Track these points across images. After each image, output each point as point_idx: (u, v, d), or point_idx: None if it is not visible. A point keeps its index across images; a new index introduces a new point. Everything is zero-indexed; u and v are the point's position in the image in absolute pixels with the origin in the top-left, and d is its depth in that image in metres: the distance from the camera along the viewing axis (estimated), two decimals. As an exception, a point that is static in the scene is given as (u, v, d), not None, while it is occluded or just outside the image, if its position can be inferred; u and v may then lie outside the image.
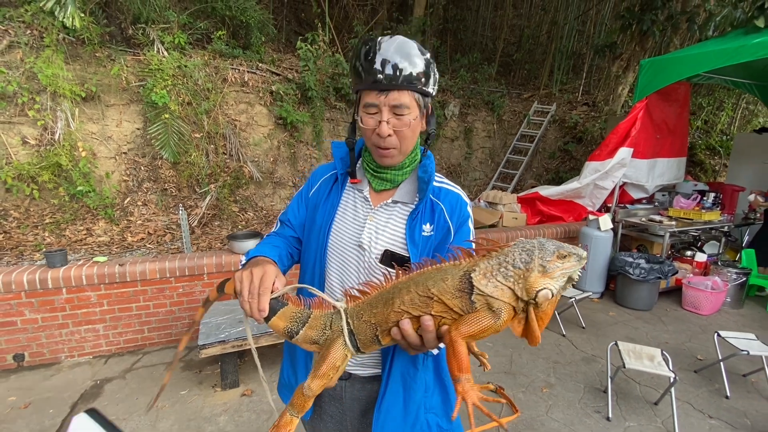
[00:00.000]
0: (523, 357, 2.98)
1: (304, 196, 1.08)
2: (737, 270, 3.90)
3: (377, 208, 0.97)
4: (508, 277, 0.63)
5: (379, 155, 0.92)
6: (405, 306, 0.71)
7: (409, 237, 0.94)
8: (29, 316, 2.65)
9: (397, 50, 0.84)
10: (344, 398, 1.05)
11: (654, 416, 2.37)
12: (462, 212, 1.00)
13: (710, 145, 7.77)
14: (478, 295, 0.64)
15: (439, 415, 1.09)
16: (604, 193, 4.44)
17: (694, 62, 3.69)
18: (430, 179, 0.96)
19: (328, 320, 0.78)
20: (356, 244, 0.96)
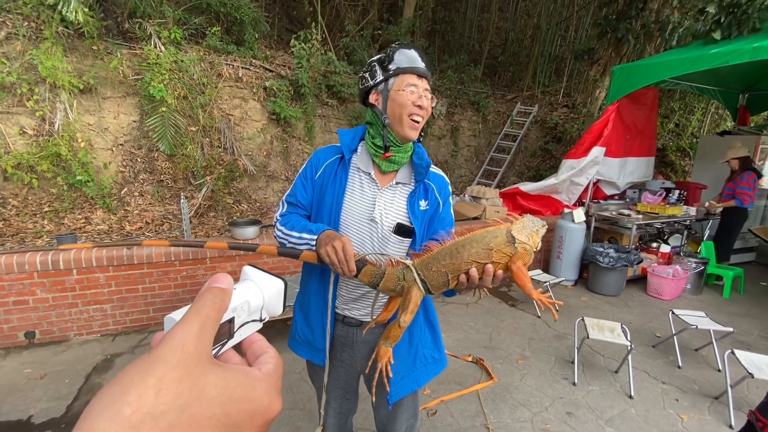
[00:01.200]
0: (501, 334, 3.27)
1: (310, 178, 1.26)
2: (697, 260, 4.28)
3: (384, 188, 1.21)
4: (527, 234, 0.98)
5: (411, 126, 1.14)
6: (472, 257, 0.98)
7: (411, 212, 1.20)
8: (41, 296, 2.81)
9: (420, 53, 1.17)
10: (355, 342, 1.29)
11: (614, 382, 2.69)
12: (446, 190, 1.29)
13: (681, 147, 8.25)
14: (519, 243, 0.97)
15: (430, 348, 1.37)
16: (579, 188, 4.77)
17: (660, 69, 4.04)
18: (428, 164, 1.22)
19: (400, 274, 1.05)
20: (369, 218, 1.19)
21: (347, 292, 1.25)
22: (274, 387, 0.30)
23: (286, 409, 2.28)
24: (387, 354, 1.07)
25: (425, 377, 1.34)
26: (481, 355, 2.91)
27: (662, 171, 7.52)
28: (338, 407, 1.41)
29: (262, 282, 0.38)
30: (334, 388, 1.37)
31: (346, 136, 1.24)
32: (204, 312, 0.28)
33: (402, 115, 1.13)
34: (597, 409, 2.40)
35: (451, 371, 2.71)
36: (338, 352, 1.32)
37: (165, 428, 0.23)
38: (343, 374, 1.35)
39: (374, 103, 1.18)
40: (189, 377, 0.24)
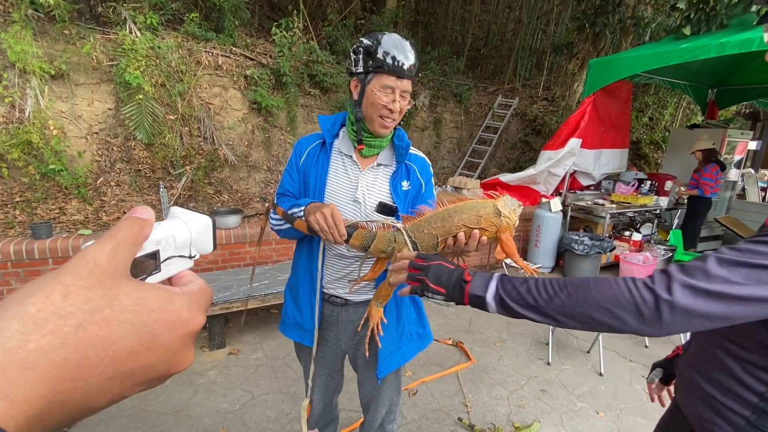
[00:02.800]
0: (480, 319, 3.37)
1: (294, 165, 1.30)
2: (665, 247, 4.49)
3: (366, 170, 1.25)
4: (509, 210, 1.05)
5: (382, 126, 1.18)
6: (463, 221, 1.04)
7: (393, 192, 1.25)
8: (16, 286, 2.74)
9: (411, 48, 1.15)
10: (340, 321, 1.34)
11: (586, 361, 2.83)
12: (428, 171, 1.35)
13: (654, 140, 8.55)
14: (503, 216, 1.04)
15: (415, 325, 1.43)
16: (556, 179, 4.91)
17: (634, 63, 4.18)
18: (408, 145, 1.27)
19: (392, 236, 1.08)
20: (352, 199, 1.24)
21: (333, 271, 1.29)
22: (196, 302, 0.29)
23: (271, 393, 2.32)
24: (378, 314, 1.13)
25: (411, 352, 1.41)
26: (460, 338, 3.01)
27: (636, 163, 7.78)
28: (324, 385, 1.46)
29: (187, 218, 0.37)
30: (320, 366, 1.42)
31: (327, 122, 1.28)
32: (119, 236, 0.26)
33: (373, 114, 1.17)
34: (569, 386, 2.53)
35: (431, 354, 2.79)
36: (324, 331, 1.36)
37: (73, 326, 0.22)
38: (328, 353, 1.40)
39: (353, 91, 1.21)
40: (100, 286, 0.23)
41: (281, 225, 1.22)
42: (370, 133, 1.22)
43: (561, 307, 0.71)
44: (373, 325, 1.13)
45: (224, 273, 3.04)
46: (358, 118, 1.19)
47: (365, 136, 1.22)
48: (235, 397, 2.27)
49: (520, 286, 0.75)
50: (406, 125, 6.57)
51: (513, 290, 0.75)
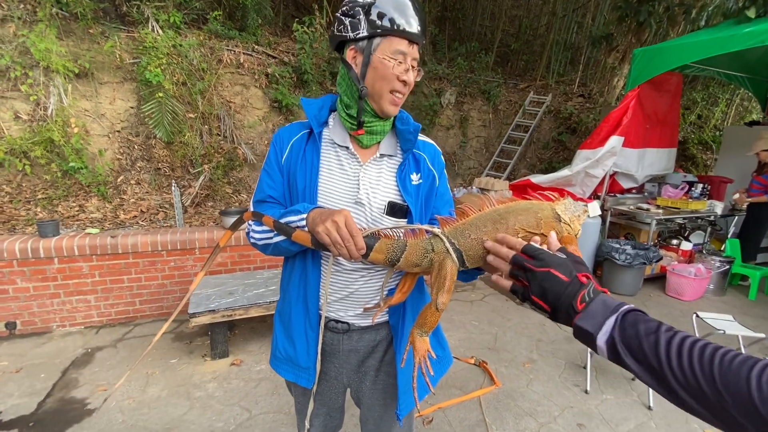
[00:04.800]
0: (507, 335, 3.05)
1: (275, 164, 1.03)
2: (721, 258, 3.99)
3: (367, 163, 1.00)
4: (569, 216, 0.85)
5: (394, 102, 0.95)
6: (521, 224, 0.82)
7: (402, 188, 0.99)
8: (21, 285, 2.68)
9: (420, 7, 0.93)
10: (341, 351, 1.09)
11: (630, 390, 2.45)
12: (439, 160, 1.09)
13: (703, 139, 7.85)
14: (564, 223, 0.83)
15: (434, 346, 1.17)
16: (594, 181, 4.49)
17: (686, 51, 3.73)
18: (416, 129, 1.01)
19: (428, 245, 0.86)
20: (354, 201, 0.98)
21: (332, 290, 1.04)
22: None
23: (270, 412, 2.11)
24: (424, 346, 0.88)
25: (432, 380, 1.14)
26: (484, 357, 2.70)
27: (683, 165, 7.15)
28: (321, 426, 1.21)
29: None
30: (318, 404, 1.18)
31: (313, 106, 1.03)
32: None
33: (383, 90, 0.93)
34: (612, 420, 2.18)
35: (451, 374, 2.51)
36: (323, 363, 1.12)
37: None
38: (328, 390, 1.15)
39: (350, 63, 0.95)
40: None
41: (269, 238, 0.97)
42: (374, 115, 0.97)
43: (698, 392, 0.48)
44: (419, 361, 0.88)
45: (231, 277, 2.88)
46: (362, 96, 0.94)
47: (367, 120, 0.97)
48: (232, 416, 2.08)
49: (646, 337, 0.54)
50: (430, 123, 6.29)
51: (634, 340, 0.55)
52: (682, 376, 0.49)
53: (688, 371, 0.49)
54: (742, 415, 0.44)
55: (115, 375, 2.38)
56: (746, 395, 0.44)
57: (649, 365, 0.53)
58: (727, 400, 0.45)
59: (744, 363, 0.46)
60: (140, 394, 2.22)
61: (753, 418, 0.43)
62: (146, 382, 2.32)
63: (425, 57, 6.95)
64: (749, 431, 0.45)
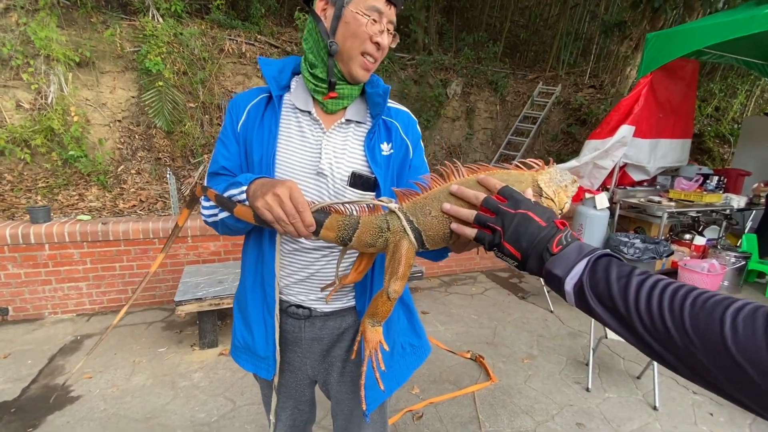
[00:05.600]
0: (507, 329, 2.93)
1: (231, 132, 0.93)
2: (737, 254, 3.80)
3: (331, 130, 0.90)
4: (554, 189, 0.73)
5: (364, 66, 0.85)
6: None
7: (370, 158, 0.89)
8: (12, 271, 2.66)
9: None
10: (303, 339, 1.00)
11: (635, 389, 2.33)
12: (414, 129, 0.99)
13: (720, 132, 7.55)
14: (546, 198, 0.72)
15: (408, 335, 1.08)
16: (603, 173, 4.32)
17: (702, 35, 3.53)
18: (386, 92, 0.91)
19: (383, 222, 0.75)
20: (314, 172, 0.88)
21: (291, 271, 0.94)
22: None
23: (255, 403, 2.04)
24: (376, 337, 0.77)
25: (405, 372, 1.06)
26: (482, 351, 2.60)
27: (698, 158, 6.89)
28: (289, 420, 1.13)
29: None
30: (283, 397, 1.09)
31: (272, 67, 0.92)
32: None
33: (353, 50, 0.83)
34: (614, 420, 2.06)
35: (445, 369, 2.41)
36: (285, 352, 1.02)
37: None
38: (291, 380, 1.06)
39: (320, 16, 0.85)
40: None
41: (215, 215, 0.87)
42: (341, 79, 0.87)
43: (665, 338, 0.44)
44: (370, 354, 0.77)
45: (223, 266, 2.82)
46: (331, 52, 0.83)
47: (339, 79, 0.87)
48: (215, 406, 2.02)
49: (617, 281, 0.50)
50: (435, 115, 6.16)
51: (603, 284, 0.50)
52: (650, 321, 0.45)
53: (656, 315, 0.45)
54: (709, 359, 0.40)
55: (101, 362, 2.34)
56: (717, 336, 0.40)
57: (617, 311, 0.48)
58: (696, 343, 0.41)
59: (719, 303, 0.42)
60: (125, 383, 2.17)
61: (722, 361, 0.39)
62: (132, 370, 2.28)
63: (431, 47, 6.81)
64: (716, 377, 0.41)
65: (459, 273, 4.09)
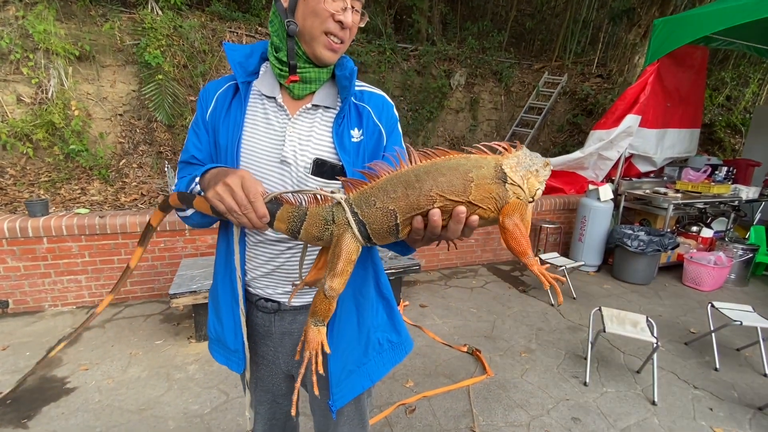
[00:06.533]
0: (506, 323, 2.90)
1: (201, 120, 0.91)
2: (744, 246, 3.71)
3: (296, 115, 0.86)
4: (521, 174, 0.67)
5: (329, 47, 0.80)
6: (440, 190, 0.65)
7: (338, 144, 0.85)
8: (11, 264, 2.68)
9: None
10: (274, 333, 0.98)
11: (634, 383, 2.28)
12: (390, 114, 0.93)
13: (731, 122, 7.36)
14: (510, 185, 0.66)
15: (387, 331, 1.05)
16: (608, 164, 4.23)
17: (710, 20, 3.41)
18: (352, 74, 0.86)
19: (328, 215, 0.71)
20: (278, 160, 0.85)
21: (257, 264, 0.92)
22: None
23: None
24: (317, 338, 0.73)
25: (381, 369, 1.02)
26: (479, 345, 2.57)
27: (708, 149, 6.73)
28: (268, 414, 1.11)
29: None
30: (260, 391, 1.08)
31: (239, 53, 0.89)
32: None
33: (314, 30, 0.78)
34: (611, 415, 2.02)
35: (441, 363, 2.39)
36: (257, 346, 1.01)
37: None
38: (267, 374, 1.04)
39: None
40: None
41: (183, 210, 0.85)
42: (307, 61, 0.84)
43: None
44: (310, 356, 0.74)
45: (219, 259, 2.82)
46: (290, 33, 0.80)
47: (299, 65, 0.83)
48: (209, 398, 2.02)
49: None
50: (438, 106, 6.08)
51: None
52: None
53: None
54: None
55: (98, 354, 2.36)
56: None
57: None
58: None
59: None
60: (120, 374, 2.19)
61: None
62: (128, 362, 2.29)
63: (434, 37, 6.70)
64: None
65: (459, 266, 4.05)
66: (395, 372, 2.27)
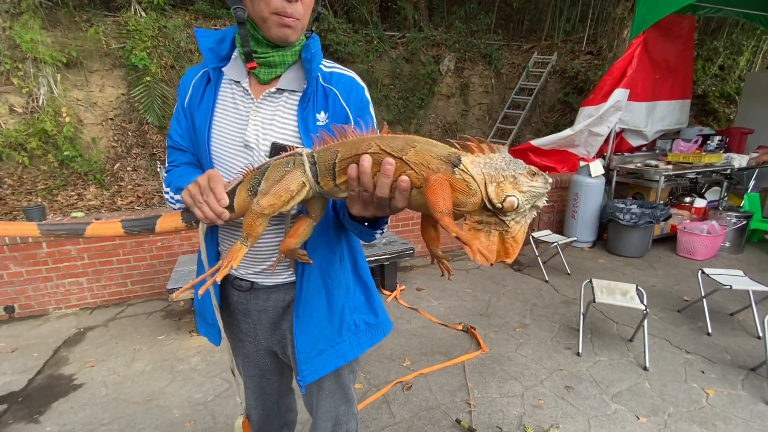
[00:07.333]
0: (500, 301, 2.95)
1: (181, 108, 0.95)
2: (738, 214, 3.73)
3: (260, 99, 0.87)
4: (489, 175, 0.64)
5: (282, 25, 0.79)
6: (380, 141, 0.67)
7: (302, 128, 0.86)
8: (14, 270, 2.74)
9: None
10: (251, 311, 1.02)
11: (627, 351, 2.33)
12: (360, 96, 0.92)
13: (726, 92, 7.30)
14: (461, 170, 0.64)
15: (365, 313, 1.08)
16: (599, 140, 4.23)
17: (695, -12, 3.38)
18: (313, 57, 0.86)
19: (288, 163, 0.73)
20: (241, 144, 0.87)
21: (228, 246, 0.96)
22: None
23: (249, 382, 2.10)
24: (235, 253, 0.75)
25: (356, 349, 1.05)
26: (474, 323, 2.62)
27: (703, 120, 6.70)
28: (257, 388, 1.17)
29: None
30: (248, 366, 1.13)
31: (209, 40, 0.90)
32: None
33: (262, 12, 0.78)
34: (603, 382, 2.08)
35: (436, 341, 2.44)
36: (240, 323, 1.05)
37: None
38: (252, 350, 1.09)
39: None
40: None
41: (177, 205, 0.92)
42: (269, 45, 0.85)
43: None
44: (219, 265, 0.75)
45: (216, 254, 2.86)
46: (239, 20, 0.81)
47: (259, 50, 0.85)
48: (212, 387, 2.08)
49: None
50: (428, 93, 6.07)
51: None
52: None
53: None
54: None
55: (103, 351, 2.42)
56: None
57: None
58: None
59: None
60: (125, 369, 2.25)
61: None
62: (132, 357, 2.36)
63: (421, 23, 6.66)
64: None
65: (455, 249, 4.09)
66: (392, 352, 2.33)
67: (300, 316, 0.95)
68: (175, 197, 0.91)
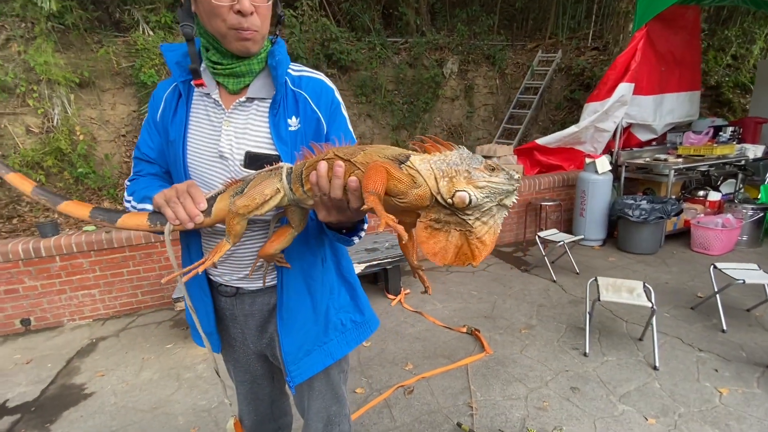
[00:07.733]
0: (506, 302, 2.91)
1: (152, 122, 0.96)
2: (754, 206, 3.60)
3: (231, 109, 0.88)
4: (439, 170, 0.64)
5: (240, 39, 0.79)
6: (335, 149, 0.72)
7: (275, 135, 0.87)
8: (29, 284, 2.84)
9: None
10: (237, 315, 1.03)
11: (636, 351, 2.27)
12: (330, 98, 0.92)
13: (740, 82, 7.09)
14: (407, 166, 0.65)
15: (351, 312, 1.08)
16: (605, 135, 4.16)
17: (696, -23, 3.32)
18: (278, 63, 0.87)
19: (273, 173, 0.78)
20: (216, 155, 0.89)
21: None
22: None
23: (253, 389, 2.12)
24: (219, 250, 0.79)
25: (344, 347, 1.06)
26: (479, 325, 2.59)
27: (717, 111, 6.51)
28: (249, 393, 1.18)
29: None
30: (239, 371, 1.14)
31: (176, 53, 0.91)
32: None
33: (220, 28, 0.78)
34: (610, 383, 2.02)
35: (439, 344, 2.42)
36: (228, 329, 1.07)
37: None
38: (242, 355, 1.10)
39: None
40: None
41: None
42: (233, 57, 0.85)
43: None
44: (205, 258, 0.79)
45: (221, 262, 2.91)
46: (187, 38, 0.83)
47: (224, 61, 0.85)
48: (216, 394, 2.11)
49: None
50: (433, 96, 6.07)
51: None
52: None
53: None
54: None
55: (114, 361, 2.48)
56: None
57: None
58: None
59: None
60: (134, 378, 2.30)
61: None
62: (141, 366, 2.41)
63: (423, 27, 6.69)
64: None
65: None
66: (395, 357, 2.32)
67: (284, 318, 0.96)
68: (138, 206, 0.89)
